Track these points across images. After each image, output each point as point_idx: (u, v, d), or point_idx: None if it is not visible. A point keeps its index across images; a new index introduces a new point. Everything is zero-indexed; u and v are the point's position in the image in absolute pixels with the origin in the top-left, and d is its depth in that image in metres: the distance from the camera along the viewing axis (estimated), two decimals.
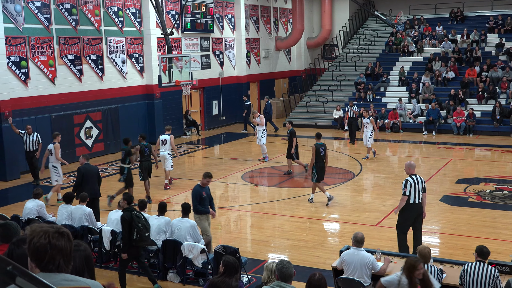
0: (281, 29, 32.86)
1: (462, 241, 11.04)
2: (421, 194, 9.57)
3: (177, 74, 20.23)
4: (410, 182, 9.49)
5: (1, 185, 16.59)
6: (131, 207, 8.81)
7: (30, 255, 2.65)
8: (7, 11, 17.19)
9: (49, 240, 2.63)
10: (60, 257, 2.64)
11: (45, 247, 2.61)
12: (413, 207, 9.57)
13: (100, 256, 10.10)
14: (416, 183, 9.51)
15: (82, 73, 19.94)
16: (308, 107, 28.17)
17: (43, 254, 2.61)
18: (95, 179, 12.19)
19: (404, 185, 9.55)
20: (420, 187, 9.54)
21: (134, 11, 22.11)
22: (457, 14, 31.86)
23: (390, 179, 16.42)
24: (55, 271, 2.63)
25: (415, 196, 9.51)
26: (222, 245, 8.81)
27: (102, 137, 20.68)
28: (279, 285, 5.39)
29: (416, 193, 9.50)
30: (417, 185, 9.51)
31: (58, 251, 2.63)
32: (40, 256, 2.62)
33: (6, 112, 16.97)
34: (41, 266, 2.62)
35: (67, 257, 2.68)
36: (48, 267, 2.62)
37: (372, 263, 7.64)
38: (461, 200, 14.00)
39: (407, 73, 27.67)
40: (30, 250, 2.64)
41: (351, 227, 11.57)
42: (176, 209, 13.85)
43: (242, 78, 28.79)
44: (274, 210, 13.75)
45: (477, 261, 7.05)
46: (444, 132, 23.94)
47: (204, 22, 25.77)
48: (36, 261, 2.63)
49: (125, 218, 8.55)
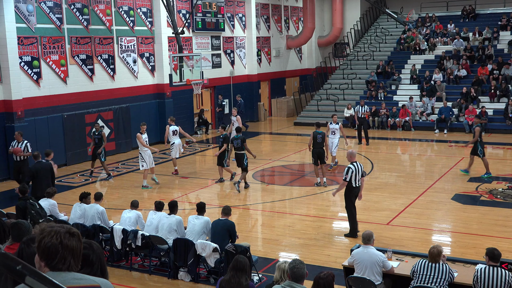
0: (292, 27, 32.81)
1: (474, 240, 10.98)
2: (360, 179, 10.96)
3: (188, 73, 20.27)
4: (352, 169, 10.78)
5: (15, 184, 16.70)
6: (26, 197, 9.95)
7: (40, 254, 2.67)
8: (20, 11, 17.32)
9: (60, 240, 2.66)
10: (71, 257, 2.67)
11: (57, 247, 2.64)
12: (355, 189, 10.96)
13: (111, 254, 10.15)
14: (356, 169, 10.83)
15: (94, 72, 20.04)
16: (319, 105, 28.12)
17: (54, 254, 2.64)
18: (49, 175, 12.40)
19: (346, 172, 10.80)
20: (360, 172, 10.89)
21: (145, 11, 22.19)
22: (469, 12, 31.65)
23: (402, 177, 16.36)
24: (65, 270, 2.66)
25: (355, 180, 10.87)
26: (233, 244, 8.83)
27: (113, 136, 20.78)
28: (290, 285, 5.39)
29: (357, 178, 10.87)
30: (358, 171, 10.85)
31: (69, 251, 2.67)
32: (51, 255, 2.64)
33: (19, 111, 17.10)
34: (51, 266, 2.65)
35: (77, 257, 2.71)
36: (58, 266, 2.65)
37: (382, 261, 7.61)
38: (473, 198, 13.92)
39: (419, 71, 27.53)
40: (40, 249, 2.67)
41: (362, 225, 11.54)
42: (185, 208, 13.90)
43: (253, 77, 28.80)
44: (285, 209, 13.75)
45: (490, 265, 6.92)
46: (456, 130, 23.79)
47: (215, 21, 25.80)
48: (47, 260, 2.66)
49: (19, 206, 9.64)
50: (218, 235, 9.24)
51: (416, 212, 12.88)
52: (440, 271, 7.08)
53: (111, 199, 14.64)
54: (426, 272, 7.12)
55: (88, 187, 15.68)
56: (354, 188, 10.95)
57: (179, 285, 9.27)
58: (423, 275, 7.13)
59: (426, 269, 7.14)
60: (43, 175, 12.37)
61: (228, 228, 9.30)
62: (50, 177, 12.40)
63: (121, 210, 11.43)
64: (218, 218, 9.57)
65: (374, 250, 7.70)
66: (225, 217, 9.47)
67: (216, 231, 9.33)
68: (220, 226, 9.34)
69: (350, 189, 10.99)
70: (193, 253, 9.08)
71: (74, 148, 19.17)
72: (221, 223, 9.38)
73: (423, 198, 14.03)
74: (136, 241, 9.65)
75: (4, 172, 17.04)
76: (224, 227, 9.29)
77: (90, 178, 17.12)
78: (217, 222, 9.47)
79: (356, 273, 7.66)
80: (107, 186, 16.58)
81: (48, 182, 12.25)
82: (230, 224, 9.37)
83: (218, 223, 9.42)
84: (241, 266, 6.12)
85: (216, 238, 9.20)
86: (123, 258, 10.18)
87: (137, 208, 10.59)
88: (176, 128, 17.18)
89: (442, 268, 7.10)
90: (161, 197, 14.31)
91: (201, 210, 9.75)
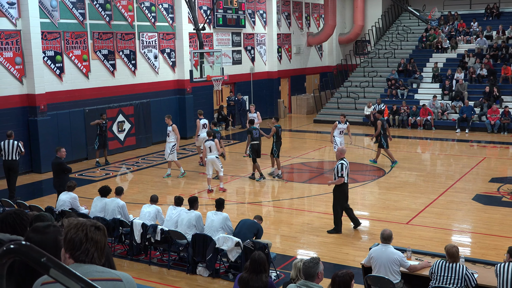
0: (313, 24, 32.70)
1: (495, 241, 10.85)
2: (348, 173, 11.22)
3: (209, 69, 20.33)
4: (345, 165, 11.00)
5: (36, 177, 16.95)
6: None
7: (65, 246, 2.76)
8: (43, 6, 17.51)
9: (86, 233, 2.73)
10: (94, 250, 2.74)
11: (81, 239, 2.72)
12: (347, 186, 11.26)
13: (131, 248, 10.24)
14: (347, 166, 11.09)
15: (115, 67, 20.19)
16: (339, 103, 28.00)
17: (79, 245, 2.72)
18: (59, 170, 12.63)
19: (341, 168, 10.96)
20: (348, 169, 11.17)
21: (166, 6, 22.28)
22: (493, 10, 31.23)
23: (422, 177, 16.23)
24: (88, 262, 2.71)
25: (347, 176, 11.15)
26: (251, 240, 8.84)
27: (134, 131, 20.93)
28: (305, 284, 5.39)
29: (348, 174, 11.11)
30: (348, 168, 11.10)
31: (93, 244, 2.74)
32: (76, 247, 2.72)
33: (42, 105, 17.30)
34: (74, 256, 2.72)
35: (101, 251, 2.77)
36: (81, 257, 2.72)
37: (400, 260, 7.56)
38: (494, 199, 13.76)
39: (441, 70, 27.26)
40: (66, 241, 2.75)
41: (381, 224, 11.48)
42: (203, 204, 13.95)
43: (273, 74, 28.77)
44: (303, 206, 13.73)
45: (510, 261, 6.92)
46: (477, 130, 23.52)
47: (236, 18, 25.82)
48: (71, 251, 2.73)
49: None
50: (243, 234, 9.26)
51: (436, 212, 12.77)
52: (457, 272, 7.03)
53: (131, 193, 14.76)
54: (444, 273, 7.08)
55: (108, 181, 15.82)
56: (345, 184, 11.20)
57: (197, 280, 9.32)
58: (441, 276, 7.09)
59: (444, 270, 7.10)
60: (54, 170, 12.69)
61: (255, 232, 9.35)
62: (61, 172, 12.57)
63: (141, 204, 11.53)
64: (247, 218, 9.63)
65: (392, 248, 7.66)
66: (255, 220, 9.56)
67: (242, 229, 9.35)
68: (247, 225, 9.38)
69: (343, 185, 11.21)
70: (212, 248, 9.12)
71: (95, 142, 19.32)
72: (249, 223, 9.43)
73: (443, 198, 13.91)
74: (156, 235, 9.72)
75: (27, 165, 17.27)
76: (252, 228, 9.33)
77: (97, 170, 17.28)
78: (245, 221, 9.54)
79: (373, 271, 7.63)
80: (127, 181, 16.73)
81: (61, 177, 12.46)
82: (258, 228, 9.43)
83: (245, 222, 9.47)
84: (257, 264, 6.13)
85: (240, 236, 9.22)
86: (142, 252, 10.26)
87: (156, 203, 10.67)
88: (206, 122, 17.58)
89: (459, 269, 7.05)
90: (181, 192, 14.40)
91: (220, 206, 9.79)
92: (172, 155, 16.44)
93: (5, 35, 16.59)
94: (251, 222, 9.43)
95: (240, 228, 9.39)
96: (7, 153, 14.06)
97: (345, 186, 11.26)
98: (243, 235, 9.19)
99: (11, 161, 14.09)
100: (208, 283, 9.16)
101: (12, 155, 14.06)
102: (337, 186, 11.22)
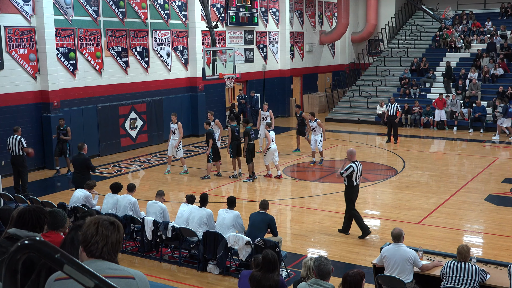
0: (326, 23, 32.62)
1: (508, 242, 10.79)
2: (359, 176, 11.11)
3: (221, 67, 20.35)
4: (353, 168, 10.84)
5: (49, 173, 17.07)
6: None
7: (81, 240, 2.86)
8: (58, 3, 17.62)
9: (97, 226, 2.82)
10: (103, 244, 2.79)
11: (92, 232, 2.81)
12: (356, 188, 11.14)
13: (142, 245, 10.28)
14: (358, 168, 10.90)
15: (128, 65, 20.28)
16: (351, 102, 27.92)
17: (90, 238, 2.80)
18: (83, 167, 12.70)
19: (346, 169, 10.85)
20: (360, 171, 11.03)
21: (179, 4, 22.33)
22: (508, 9, 30.97)
23: (434, 176, 16.15)
24: (98, 256, 2.75)
25: (356, 178, 10.98)
26: (262, 239, 8.85)
27: (146, 128, 21.01)
28: (316, 283, 5.38)
29: (357, 176, 10.98)
30: (359, 170, 10.95)
31: (103, 237, 2.80)
32: (87, 239, 2.81)
33: (55, 102, 17.42)
34: (86, 250, 2.81)
35: (110, 246, 2.79)
36: (91, 249, 2.79)
37: (413, 258, 7.53)
38: (507, 200, 13.66)
39: (454, 69, 27.07)
40: (82, 235, 2.85)
41: (393, 224, 11.44)
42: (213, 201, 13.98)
43: (286, 72, 28.74)
44: (314, 205, 13.72)
45: None
46: (492, 130, 23.32)
47: (249, 16, 25.82)
48: (83, 243, 2.82)
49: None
50: (256, 227, 9.29)
51: (448, 212, 12.71)
52: (469, 271, 7.01)
53: (143, 190, 14.82)
54: (455, 273, 7.05)
55: (120, 178, 15.90)
56: (354, 186, 11.02)
57: (208, 277, 9.34)
58: (452, 276, 7.06)
59: (455, 270, 7.07)
60: (77, 166, 12.74)
61: (269, 222, 9.38)
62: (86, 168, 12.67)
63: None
64: (257, 211, 9.62)
65: (406, 247, 7.64)
66: (263, 211, 9.54)
67: (254, 223, 9.38)
68: (259, 219, 9.40)
69: (351, 187, 11.06)
70: (223, 246, 9.14)
71: (107, 139, 19.47)
72: (260, 216, 9.44)
73: (455, 198, 13.84)
74: (167, 232, 9.75)
75: (40, 161, 17.41)
76: (264, 221, 9.36)
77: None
78: (256, 215, 9.53)
79: (386, 270, 7.61)
80: (139, 178, 16.80)
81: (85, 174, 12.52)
82: (270, 218, 9.45)
83: (257, 216, 9.48)
84: (269, 262, 6.14)
85: (254, 230, 9.24)
86: (153, 249, 10.30)
87: (162, 197, 10.69)
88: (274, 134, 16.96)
89: (471, 269, 7.02)
90: (192, 190, 14.44)
91: (231, 204, 9.82)
92: (180, 152, 16.71)
93: (20, 31, 16.72)
94: (262, 216, 9.44)
95: (252, 223, 9.42)
96: (12, 149, 14.36)
97: (354, 188, 11.09)
98: (257, 230, 9.23)
99: (15, 156, 14.37)
100: (218, 281, 9.19)
101: (16, 151, 14.31)
102: (347, 189, 11.11)
